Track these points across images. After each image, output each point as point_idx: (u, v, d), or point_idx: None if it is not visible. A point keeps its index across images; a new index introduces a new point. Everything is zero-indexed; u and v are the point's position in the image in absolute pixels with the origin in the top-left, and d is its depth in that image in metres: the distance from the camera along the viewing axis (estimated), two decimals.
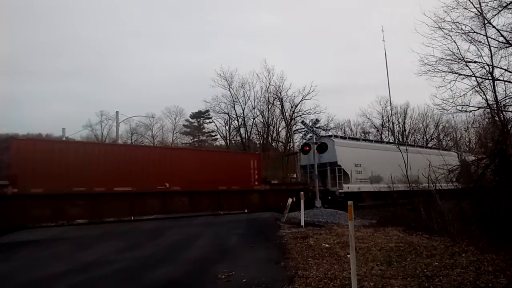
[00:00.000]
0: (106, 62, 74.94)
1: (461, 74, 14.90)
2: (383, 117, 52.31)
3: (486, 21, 14.08)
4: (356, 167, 24.96)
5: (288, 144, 42.71)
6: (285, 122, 46.35)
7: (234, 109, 45.40)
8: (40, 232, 12.66)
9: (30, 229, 13.06)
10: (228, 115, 45.98)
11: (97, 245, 10.16)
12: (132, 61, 77.34)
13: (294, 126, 45.90)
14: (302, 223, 13.74)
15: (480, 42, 14.72)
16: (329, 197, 22.59)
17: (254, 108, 45.66)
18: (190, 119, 55.36)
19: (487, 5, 13.76)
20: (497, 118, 14.75)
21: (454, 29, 14.53)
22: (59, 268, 7.48)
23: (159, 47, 78.69)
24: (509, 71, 14.26)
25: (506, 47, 14.12)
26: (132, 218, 17.02)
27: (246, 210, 19.56)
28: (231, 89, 44.75)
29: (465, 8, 14.05)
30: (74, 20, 75.84)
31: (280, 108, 46.11)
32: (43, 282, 6.55)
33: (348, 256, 6.58)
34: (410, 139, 53.32)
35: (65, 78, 69.48)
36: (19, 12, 69.37)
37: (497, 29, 14.00)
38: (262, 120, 46.29)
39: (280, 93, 45.37)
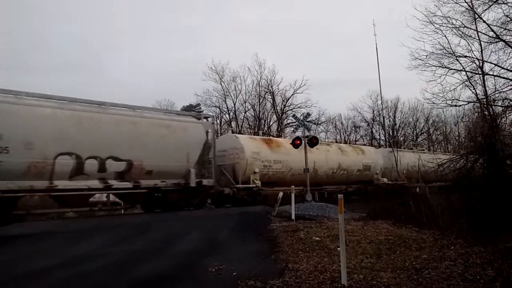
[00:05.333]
0: (97, 56, 74.14)
1: (452, 69, 14.97)
2: (373, 111, 52.47)
3: (476, 16, 14.13)
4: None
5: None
6: (276, 116, 46.38)
7: (225, 102, 45.38)
8: (29, 226, 12.56)
9: (19, 223, 12.93)
10: (219, 108, 45.91)
11: (87, 239, 10.08)
12: (123, 55, 76.62)
13: (285, 120, 45.98)
14: (293, 217, 13.76)
15: (471, 36, 14.79)
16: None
17: (245, 102, 45.64)
18: None
19: (478, 0, 13.82)
20: (486, 113, 14.87)
21: (445, 23, 14.58)
22: (49, 262, 7.41)
23: (149, 41, 78.05)
24: (499, 66, 14.35)
25: (496, 41, 14.20)
26: (122, 211, 17.07)
27: None
28: (222, 83, 44.66)
29: (456, 3, 14.08)
30: (65, 14, 74.90)
31: (272, 102, 46.14)
32: (33, 276, 6.48)
33: (338, 249, 6.61)
34: (400, 133, 53.64)
35: (56, 72, 68.61)
36: (12, 6, 68.33)
37: (487, 24, 14.07)
38: (253, 114, 46.30)
39: (272, 87, 45.38)
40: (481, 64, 14.84)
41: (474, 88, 15.66)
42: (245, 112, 45.91)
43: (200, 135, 18.17)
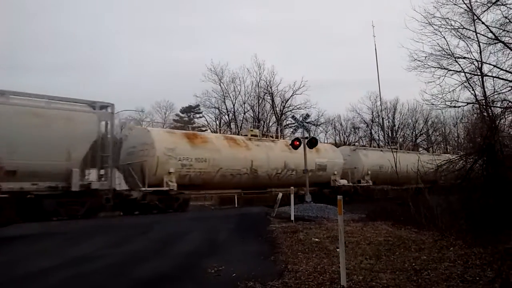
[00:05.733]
0: (96, 56, 74.24)
1: (450, 70, 15.02)
2: (373, 112, 52.52)
3: (475, 17, 14.18)
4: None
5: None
6: (276, 117, 46.40)
7: (225, 103, 45.40)
8: (28, 227, 12.52)
9: (18, 224, 12.90)
10: (219, 109, 45.95)
11: (87, 240, 10.09)
12: (122, 56, 76.77)
13: (285, 121, 45.97)
14: (292, 218, 13.76)
15: (470, 38, 14.85)
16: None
17: (244, 103, 45.71)
18: (180, 114, 54.98)
19: (477, 1, 13.86)
20: (485, 114, 14.90)
21: (444, 24, 14.63)
22: (48, 263, 7.40)
23: (149, 41, 78.15)
24: (498, 67, 14.38)
25: (495, 43, 14.23)
26: (121, 213, 16.94)
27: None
28: (221, 84, 44.71)
29: (455, 4, 14.15)
30: (65, 14, 74.93)
31: (271, 103, 46.17)
32: (32, 277, 6.47)
33: (338, 250, 6.61)
34: (400, 134, 53.65)
35: (56, 72, 68.65)
36: (12, 6, 68.38)
37: (486, 25, 14.11)
38: (252, 115, 46.30)
39: (271, 88, 45.44)
40: (480, 65, 14.89)
41: (473, 89, 15.75)
42: (244, 113, 46.01)
43: (91, 127, 15.05)
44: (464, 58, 14.95)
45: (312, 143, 20.28)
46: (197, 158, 18.74)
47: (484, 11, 13.75)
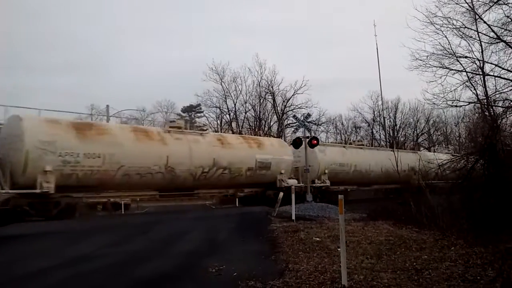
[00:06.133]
0: (97, 56, 74.15)
1: (452, 69, 14.98)
2: (374, 111, 52.30)
3: (477, 17, 14.14)
4: None
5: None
6: (277, 117, 46.29)
7: (226, 103, 45.30)
8: (28, 227, 12.54)
9: (18, 223, 12.91)
10: (220, 109, 45.86)
11: (87, 239, 10.09)
12: (123, 56, 76.68)
13: (286, 120, 45.88)
14: (293, 217, 13.77)
15: (471, 37, 14.82)
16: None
17: (246, 102, 45.57)
18: (182, 113, 55.01)
19: (479, 1, 13.81)
20: (487, 113, 14.90)
21: (446, 24, 14.60)
22: (47, 263, 7.40)
23: (150, 42, 78.18)
24: (500, 67, 14.34)
25: (497, 42, 14.18)
26: (123, 212, 16.87)
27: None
28: (222, 83, 44.56)
29: (457, 3, 14.10)
30: (64, 14, 74.96)
31: (272, 102, 46.06)
32: (31, 277, 6.47)
33: (339, 249, 6.60)
34: (401, 134, 53.55)
35: (55, 72, 68.58)
36: (12, 6, 68.39)
37: (488, 25, 14.06)
38: (253, 114, 46.24)
39: (272, 87, 45.26)
40: (481, 64, 14.86)
41: (474, 89, 15.74)
42: (245, 113, 45.91)
43: None
44: (466, 57, 14.94)
45: (312, 143, 20.28)
46: (87, 153, 15.30)
47: (486, 10, 13.72)
